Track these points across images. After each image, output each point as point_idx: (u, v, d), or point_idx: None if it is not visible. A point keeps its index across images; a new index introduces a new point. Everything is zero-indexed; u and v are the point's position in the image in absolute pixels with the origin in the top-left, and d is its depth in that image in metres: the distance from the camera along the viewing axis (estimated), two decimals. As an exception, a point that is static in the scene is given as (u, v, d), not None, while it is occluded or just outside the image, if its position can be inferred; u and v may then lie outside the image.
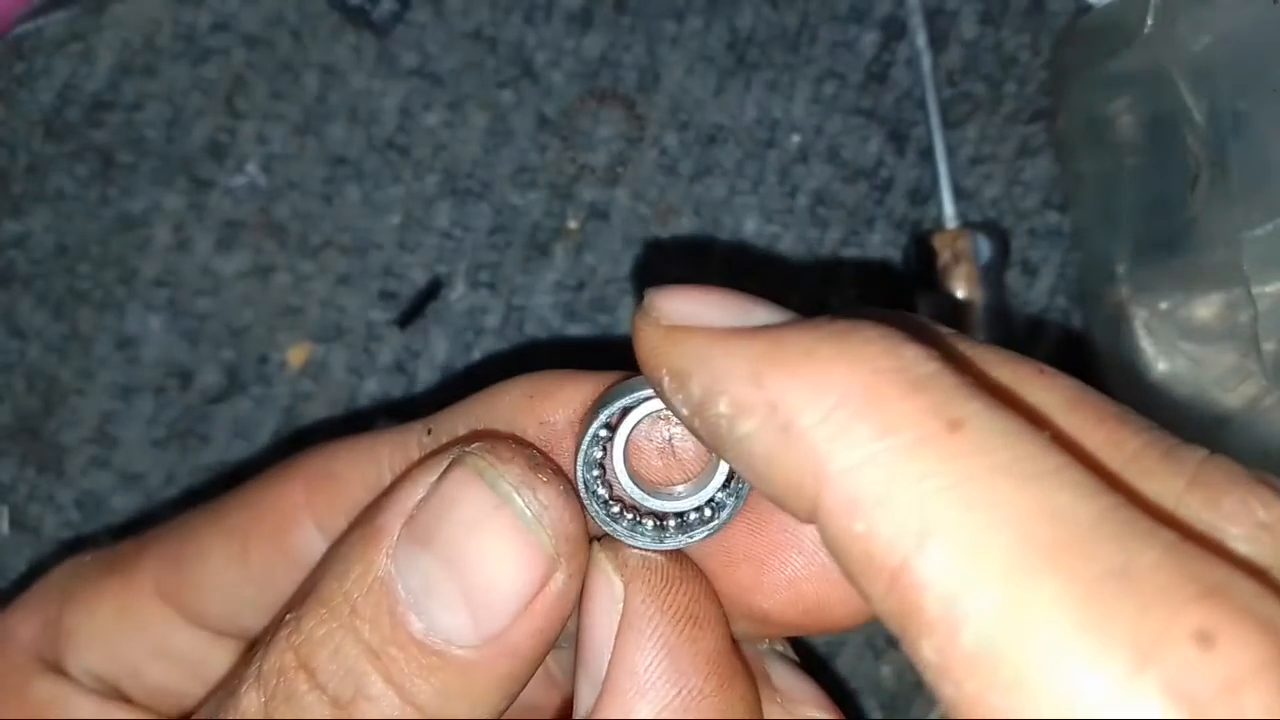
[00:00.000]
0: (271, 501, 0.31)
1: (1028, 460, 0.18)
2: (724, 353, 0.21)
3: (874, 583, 0.19)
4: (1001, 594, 0.17)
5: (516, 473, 0.25)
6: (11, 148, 0.52)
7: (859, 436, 0.19)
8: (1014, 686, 0.17)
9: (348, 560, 0.25)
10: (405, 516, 0.25)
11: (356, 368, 0.52)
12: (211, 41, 0.52)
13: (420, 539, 0.24)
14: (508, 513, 0.24)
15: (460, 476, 0.25)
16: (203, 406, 0.52)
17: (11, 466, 0.52)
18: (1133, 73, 0.47)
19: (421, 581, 0.24)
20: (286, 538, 0.31)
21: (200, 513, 0.33)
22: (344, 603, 0.24)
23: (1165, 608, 0.17)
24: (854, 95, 0.53)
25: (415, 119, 0.53)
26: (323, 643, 0.24)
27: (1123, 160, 0.49)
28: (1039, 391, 0.22)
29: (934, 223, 0.52)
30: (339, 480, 0.30)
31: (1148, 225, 0.48)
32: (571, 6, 0.53)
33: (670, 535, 0.26)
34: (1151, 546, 0.17)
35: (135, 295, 0.52)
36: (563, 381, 0.27)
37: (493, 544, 0.24)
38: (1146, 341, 0.48)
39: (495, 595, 0.24)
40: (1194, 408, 0.47)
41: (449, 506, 0.24)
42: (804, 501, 0.20)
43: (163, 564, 0.32)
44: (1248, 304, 0.43)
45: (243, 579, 0.31)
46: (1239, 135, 0.43)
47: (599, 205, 0.53)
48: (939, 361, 0.20)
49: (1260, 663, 0.16)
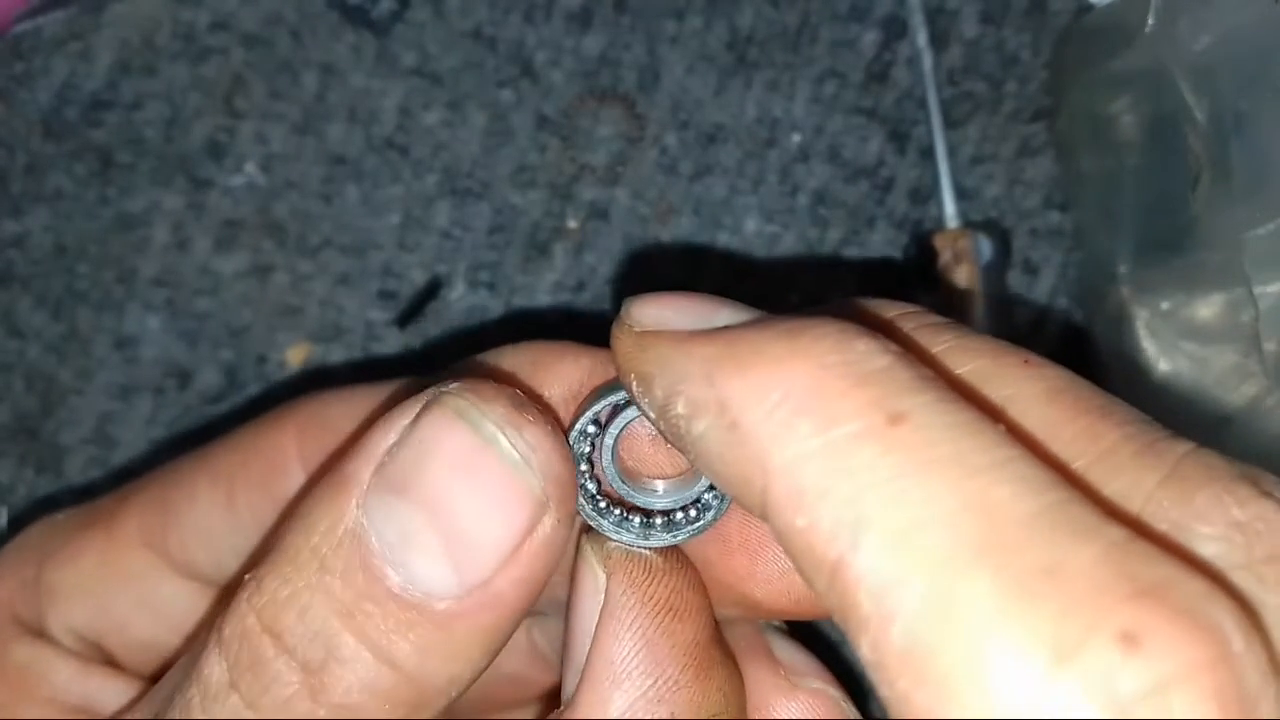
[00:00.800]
0: (261, 447, 0.30)
1: (972, 454, 0.18)
2: (683, 355, 0.21)
3: (817, 577, 0.19)
4: (928, 590, 0.17)
5: (501, 412, 0.23)
6: (10, 147, 0.52)
7: (800, 431, 0.19)
8: (939, 685, 0.17)
9: (314, 513, 0.23)
10: (376, 463, 0.23)
11: (356, 368, 0.52)
12: (210, 41, 0.52)
13: (395, 486, 0.23)
14: (493, 454, 0.23)
15: (439, 417, 0.23)
16: (202, 406, 0.52)
17: (10, 466, 0.52)
18: (1134, 72, 0.47)
19: (398, 531, 0.22)
20: (275, 484, 0.29)
21: (186, 459, 0.32)
22: (311, 558, 0.23)
23: (1093, 607, 0.16)
24: (855, 94, 0.53)
25: (415, 118, 0.53)
26: (288, 603, 0.22)
27: (1124, 160, 0.49)
28: (1021, 382, 0.22)
29: (935, 222, 0.52)
30: (330, 428, 0.29)
31: (1149, 225, 0.48)
32: (571, 6, 0.53)
33: (656, 533, 0.26)
34: (1091, 543, 0.17)
35: (134, 295, 0.52)
36: (563, 354, 0.27)
37: (478, 488, 0.23)
38: (1148, 341, 0.48)
39: (479, 542, 0.23)
40: (1195, 408, 0.47)
41: (428, 450, 0.23)
42: (754, 497, 0.20)
43: (147, 511, 0.31)
44: (1249, 304, 0.43)
45: (230, 526, 0.30)
46: (1240, 135, 0.43)
47: (599, 205, 0.53)
48: (892, 355, 0.20)
49: (1192, 665, 0.16)
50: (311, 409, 0.30)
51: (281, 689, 0.22)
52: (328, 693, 0.22)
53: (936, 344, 0.23)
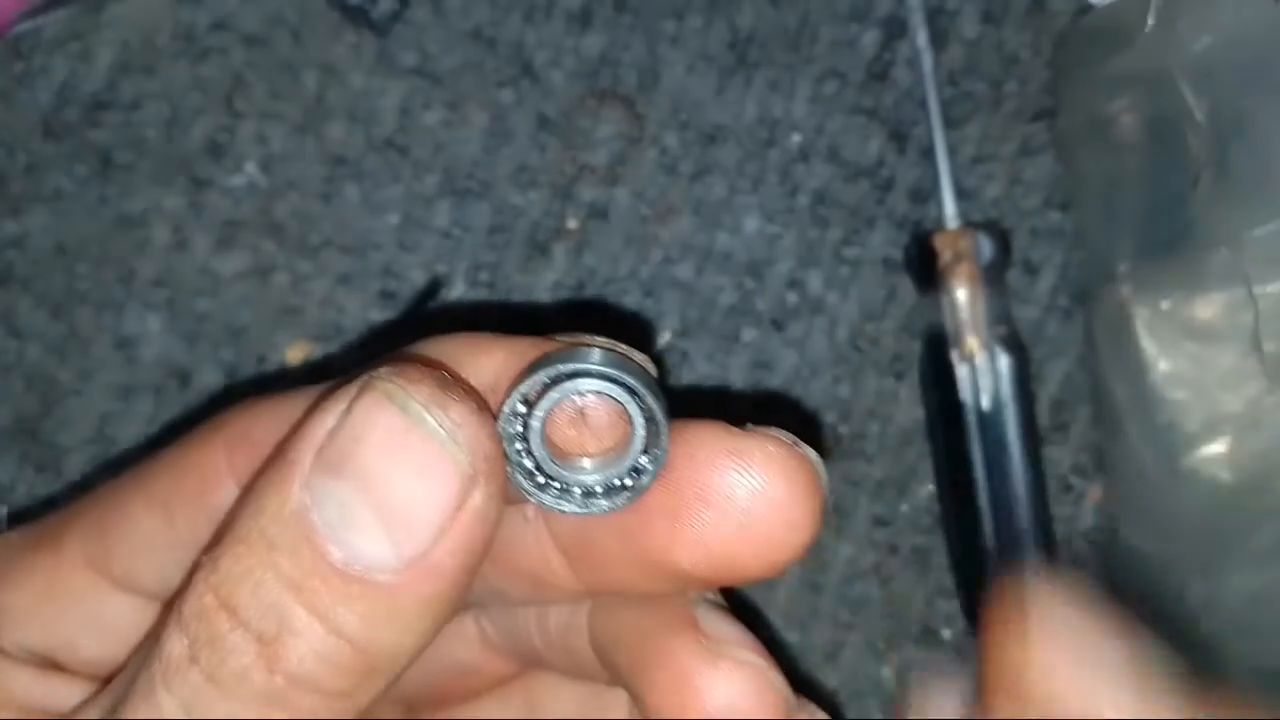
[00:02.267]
0: (192, 465, 0.31)
1: None
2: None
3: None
4: None
5: (426, 392, 0.24)
6: (10, 147, 0.52)
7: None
8: None
9: (262, 496, 0.25)
10: (317, 447, 0.24)
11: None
12: (210, 41, 0.52)
13: (332, 467, 0.24)
14: (420, 432, 0.24)
15: (369, 401, 0.24)
16: (202, 406, 0.52)
17: (10, 466, 0.52)
18: (1134, 72, 0.47)
19: (337, 510, 0.24)
20: (209, 499, 0.30)
21: (123, 480, 0.33)
22: (260, 538, 0.24)
23: None
24: (855, 94, 0.53)
25: (415, 118, 0.53)
26: (241, 579, 0.24)
27: (1124, 160, 0.49)
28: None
29: (935, 222, 0.52)
30: (258, 443, 0.30)
31: (1149, 225, 0.48)
32: (571, 6, 0.53)
33: (596, 501, 0.27)
34: None
35: (134, 295, 0.52)
36: (477, 348, 0.28)
37: (408, 464, 0.24)
38: (1148, 341, 0.48)
39: (413, 517, 0.24)
40: (1195, 408, 0.47)
41: (360, 432, 0.24)
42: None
43: (89, 534, 0.32)
44: (1249, 304, 0.43)
45: (170, 542, 0.31)
46: (1241, 135, 0.43)
47: (599, 205, 0.53)
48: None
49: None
50: (238, 424, 0.31)
51: (239, 659, 0.24)
52: (283, 662, 0.24)
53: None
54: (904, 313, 0.53)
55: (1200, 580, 0.46)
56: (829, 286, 0.53)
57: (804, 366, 0.53)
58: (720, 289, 0.53)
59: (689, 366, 0.53)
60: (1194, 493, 0.47)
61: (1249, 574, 0.45)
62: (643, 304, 0.53)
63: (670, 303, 0.53)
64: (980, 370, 0.50)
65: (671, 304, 0.53)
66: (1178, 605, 0.47)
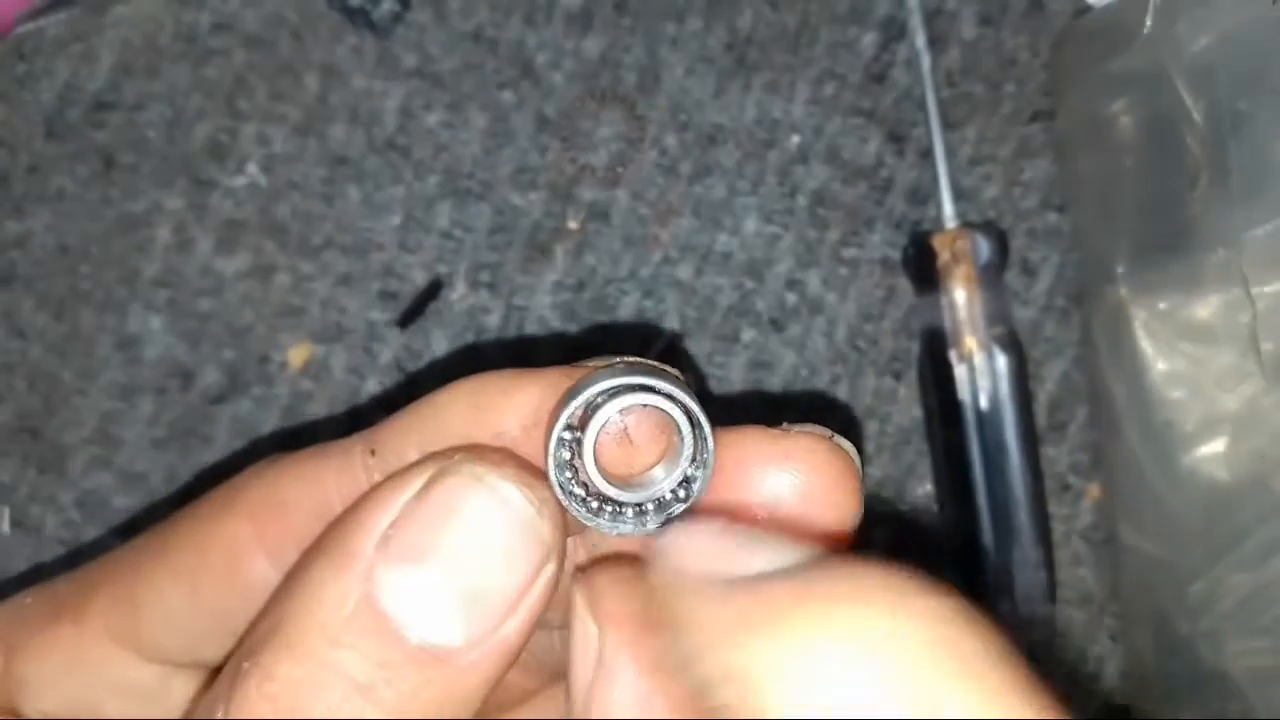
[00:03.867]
0: (219, 538, 0.30)
1: None
2: (709, 614, 0.22)
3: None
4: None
5: (514, 473, 0.25)
6: (12, 148, 0.52)
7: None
8: None
9: (316, 592, 0.24)
10: (379, 537, 0.24)
11: (357, 368, 0.53)
12: (212, 42, 0.53)
13: (412, 554, 0.24)
14: (511, 512, 0.24)
15: (458, 484, 0.24)
16: (204, 407, 0.52)
17: (13, 467, 0.52)
18: (1132, 73, 0.47)
19: (415, 596, 0.24)
20: (238, 573, 0.30)
21: (146, 549, 0.32)
22: (321, 636, 0.23)
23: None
24: (854, 96, 0.53)
25: (416, 119, 0.53)
26: (303, 684, 0.23)
27: (1122, 161, 0.49)
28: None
29: (933, 223, 0.53)
30: (286, 510, 0.29)
31: (1147, 226, 0.48)
32: (571, 7, 0.53)
33: (651, 517, 0.27)
34: None
35: (136, 295, 0.52)
36: (507, 388, 0.27)
37: (495, 545, 0.24)
38: (1146, 342, 0.48)
39: (493, 595, 0.24)
40: (1193, 408, 0.47)
41: (448, 515, 0.24)
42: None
43: (114, 607, 0.31)
44: (1247, 304, 0.43)
45: (197, 616, 0.31)
46: (1238, 136, 0.43)
47: (599, 205, 0.53)
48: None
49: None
50: (263, 492, 0.30)
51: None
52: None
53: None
54: (902, 313, 0.53)
55: (1198, 579, 0.47)
56: (828, 287, 0.53)
57: (803, 366, 0.53)
58: (720, 289, 0.53)
59: (689, 366, 0.53)
60: (1192, 492, 0.47)
61: (1247, 572, 0.45)
62: (642, 304, 0.53)
63: (670, 303, 0.53)
64: (978, 370, 0.50)
65: (671, 304, 0.53)
66: (1176, 603, 0.47)
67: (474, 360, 0.53)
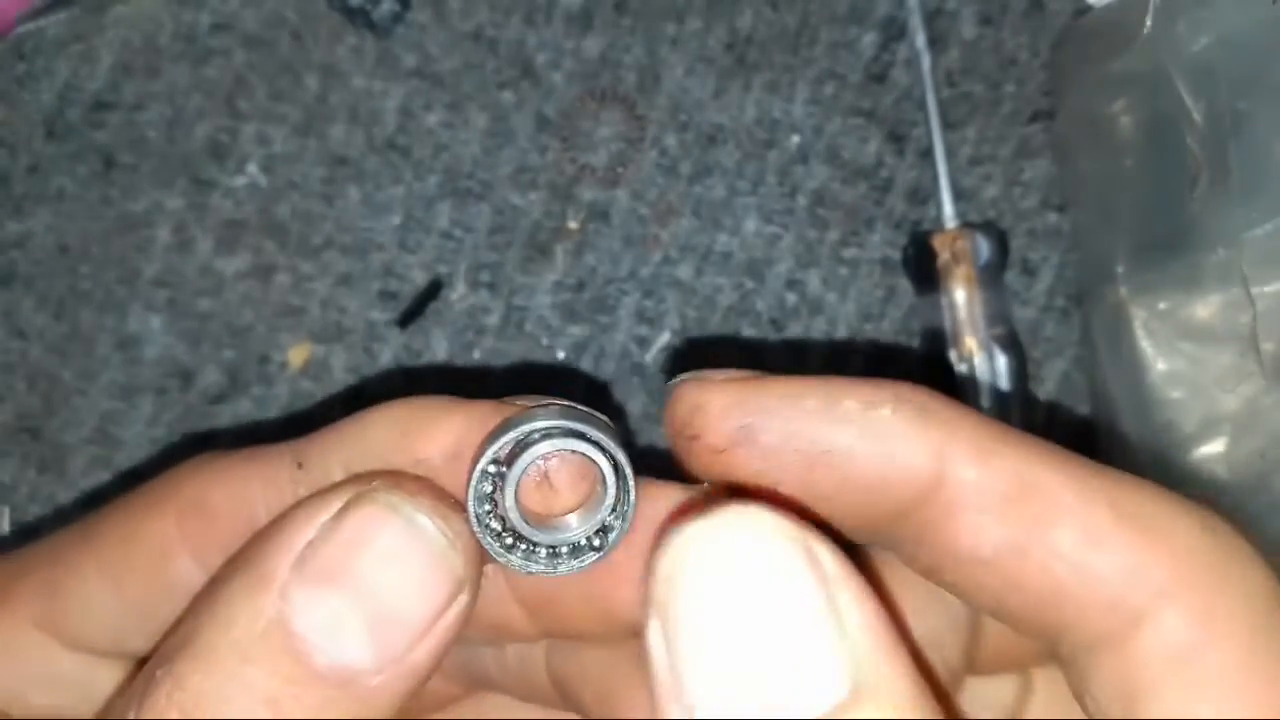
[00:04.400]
0: (145, 535, 0.31)
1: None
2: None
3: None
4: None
5: (429, 504, 0.25)
6: (12, 148, 0.52)
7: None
8: None
9: (231, 606, 0.24)
10: (294, 556, 0.24)
11: (357, 368, 0.53)
12: (212, 42, 0.53)
13: (324, 577, 0.24)
14: (424, 543, 0.25)
15: (373, 512, 0.25)
16: (204, 406, 0.52)
17: (12, 467, 0.52)
18: (1132, 73, 0.47)
19: (325, 619, 0.24)
20: (163, 571, 0.30)
21: (70, 538, 0.32)
22: (231, 651, 0.24)
23: None
24: (853, 96, 0.53)
25: (416, 119, 0.53)
26: (211, 696, 0.24)
27: (1122, 160, 0.49)
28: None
29: (933, 223, 0.53)
30: (212, 514, 0.30)
31: (1147, 225, 0.48)
32: (571, 7, 0.53)
33: (563, 561, 0.27)
34: None
35: (136, 295, 0.52)
36: (436, 417, 0.27)
37: (406, 573, 0.24)
38: (1146, 342, 0.48)
39: (402, 621, 0.24)
40: (1193, 408, 0.47)
41: (361, 541, 0.25)
42: (922, 478, 0.24)
43: (37, 594, 0.32)
44: (1247, 304, 0.43)
45: (121, 609, 0.31)
46: (1238, 135, 0.43)
47: (599, 205, 0.53)
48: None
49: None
50: (190, 490, 0.31)
51: None
52: None
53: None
54: (902, 313, 0.53)
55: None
56: (828, 287, 0.53)
57: (803, 366, 0.53)
58: (720, 289, 0.53)
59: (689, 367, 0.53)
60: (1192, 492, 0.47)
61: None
62: (642, 304, 0.53)
63: (670, 303, 0.53)
64: (979, 370, 0.50)
65: (671, 304, 0.53)
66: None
67: (473, 361, 0.53)
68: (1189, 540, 0.24)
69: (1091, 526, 0.24)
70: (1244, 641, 0.23)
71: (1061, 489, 0.24)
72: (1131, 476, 0.25)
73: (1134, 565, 0.24)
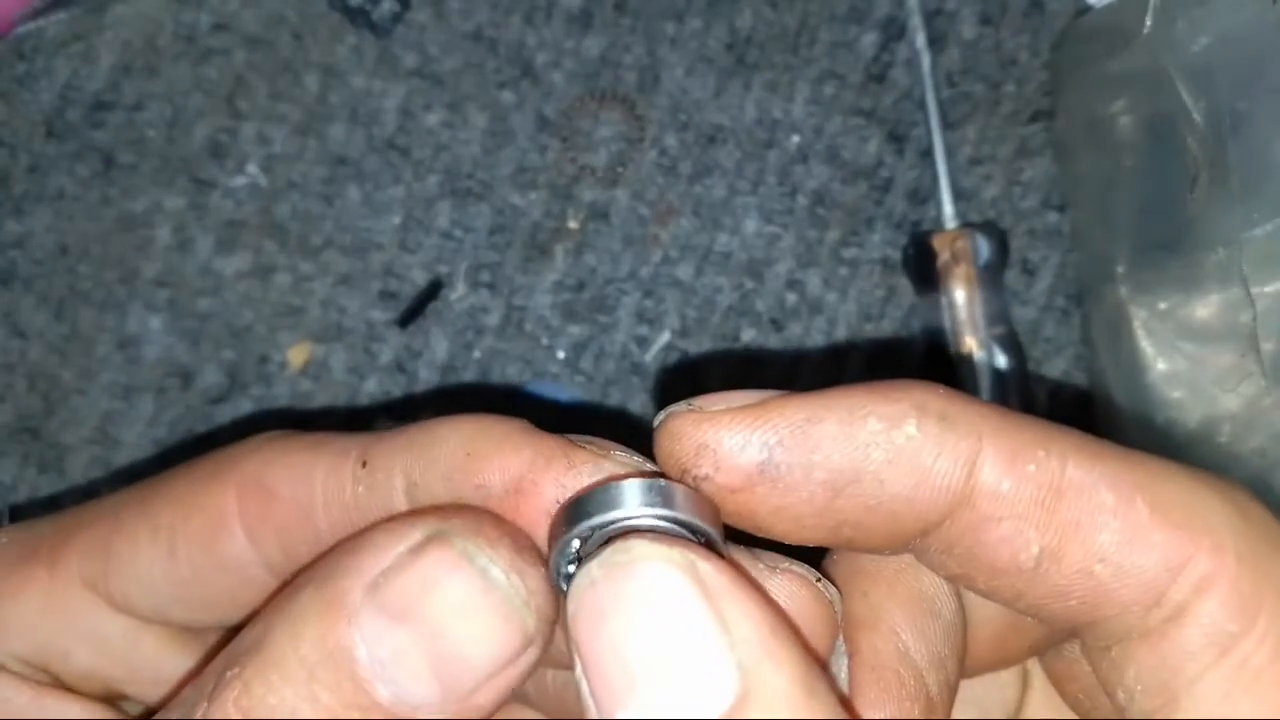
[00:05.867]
0: (203, 505, 0.30)
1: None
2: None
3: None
4: None
5: (506, 557, 0.25)
6: (12, 148, 0.52)
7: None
8: None
9: (302, 622, 0.24)
10: (368, 583, 0.24)
11: (357, 368, 0.53)
12: (212, 42, 0.53)
13: (394, 613, 0.24)
14: (497, 598, 0.24)
15: (446, 558, 0.25)
16: (204, 406, 0.52)
17: (12, 466, 0.52)
18: (1132, 73, 0.47)
19: (390, 652, 0.24)
20: (215, 543, 0.30)
21: (128, 500, 0.32)
22: (299, 667, 0.24)
23: None
24: (853, 96, 0.53)
25: (416, 119, 0.53)
26: (276, 709, 0.24)
27: (1122, 160, 0.49)
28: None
29: (933, 223, 0.53)
30: (271, 494, 0.30)
31: (1147, 225, 0.48)
32: (571, 7, 0.53)
33: None
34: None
35: (136, 295, 0.52)
36: (502, 444, 0.27)
37: (479, 626, 0.24)
38: (1146, 342, 0.48)
39: (469, 668, 0.24)
40: (1193, 408, 0.47)
41: (432, 586, 0.24)
42: (954, 494, 0.23)
43: (89, 554, 0.32)
44: (1247, 304, 0.43)
45: (169, 576, 0.31)
46: (1238, 135, 0.43)
47: (599, 205, 0.53)
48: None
49: None
50: (252, 471, 0.30)
51: None
52: None
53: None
54: (902, 313, 0.53)
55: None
56: (828, 287, 0.53)
57: (802, 366, 0.53)
58: (720, 289, 0.53)
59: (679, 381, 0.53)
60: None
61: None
62: (643, 304, 0.53)
63: (670, 303, 0.53)
64: (979, 370, 0.50)
65: (671, 304, 0.53)
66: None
67: (473, 360, 0.53)
68: (1227, 530, 0.23)
69: (1131, 525, 0.23)
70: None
71: (1098, 488, 0.24)
72: (1162, 462, 0.24)
73: (1175, 560, 0.23)
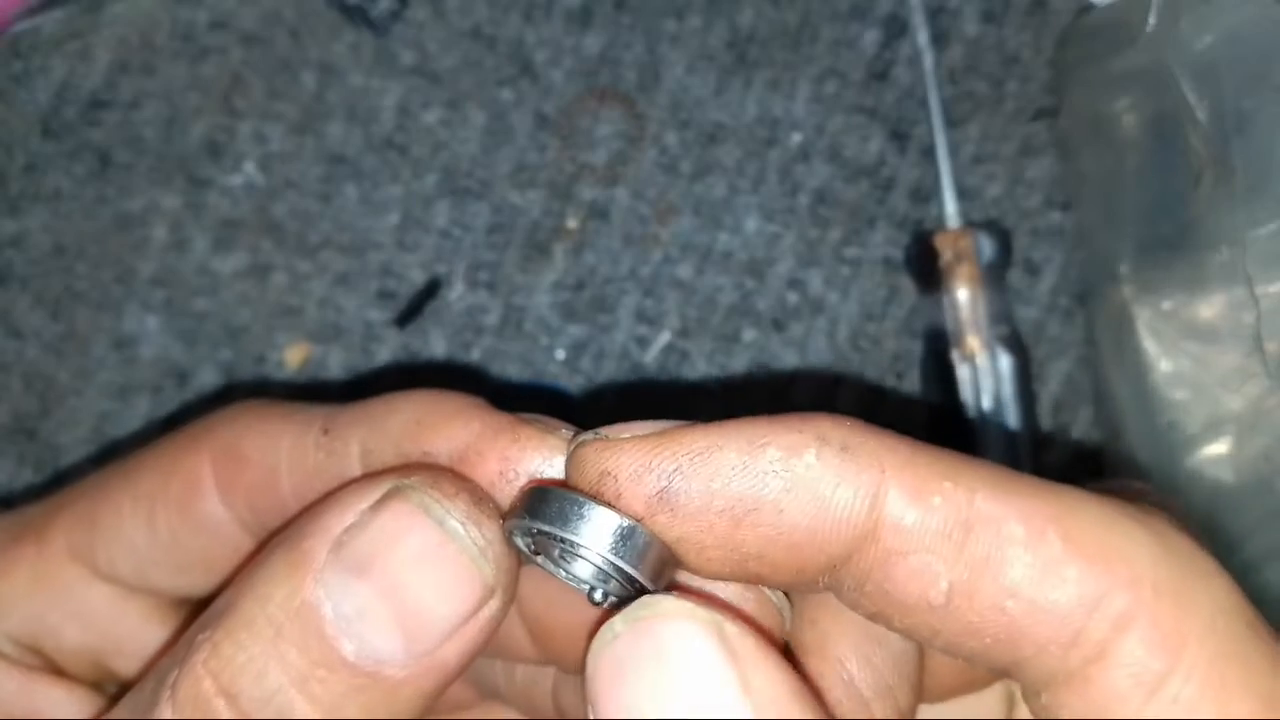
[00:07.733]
0: (180, 471, 0.32)
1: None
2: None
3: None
4: None
5: (463, 509, 0.25)
6: (8, 147, 0.52)
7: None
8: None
9: (270, 583, 0.25)
10: (332, 541, 0.25)
11: (354, 368, 0.52)
12: (209, 40, 0.52)
13: (355, 567, 0.25)
14: (454, 548, 0.25)
15: (405, 510, 0.25)
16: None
17: (9, 467, 0.52)
18: (1135, 71, 0.47)
19: (355, 607, 0.24)
20: (191, 507, 0.31)
21: (111, 473, 0.34)
22: (266, 626, 0.24)
23: None
24: (855, 94, 0.53)
25: (414, 118, 0.52)
26: (244, 668, 0.24)
27: (1125, 159, 0.49)
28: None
29: (936, 222, 0.52)
30: (242, 460, 0.31)
31: (1151, 225, 0.48)
32: (571, 4, 0.53)
33: (586, 586, 0.27)
34: None
35: (132, 295, 0.52)
36: (452, 417, 0.28)
37: (436, 574, 0.25)
38: (1149, 341, 0.47)
39: (431, 620, 0.25)
40: (1197, 409, 0.47)
41: (392, 538, 0.25)
42: (857, 526, 0.23)
43: (75, 525, 0.33)
44: (1251, 304, 0.43)
45: (151, 542, 0.32)
46: (1242, 134, 0.43)
47: (599, 205, 0.53)
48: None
49: None
50: (226, 434, 0.32)
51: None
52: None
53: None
54: (905, 313, 0.53)
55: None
56: (829, 286, 0.53)
57: (804, 367, 0.53)
58: (720, 289, 0.53)
59: (689, 366, 0.53)
60: (1196, 493, 0.46)
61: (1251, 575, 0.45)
62: (643, 304, 0.53)
63: (670, 303, 0.53)
64: (981, 370, 0.50)
65: (671, 304, 0.53)
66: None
67: (471, 360, 0.53)
68: (1146, 562, 0.23)
69: (1043, 559, 0.23)
70: (1211, 665, 0.22)
71: (1008, 521, 0.23)
72: (1080, 493, 0.24)
73: (1091, 595, 0.22)
